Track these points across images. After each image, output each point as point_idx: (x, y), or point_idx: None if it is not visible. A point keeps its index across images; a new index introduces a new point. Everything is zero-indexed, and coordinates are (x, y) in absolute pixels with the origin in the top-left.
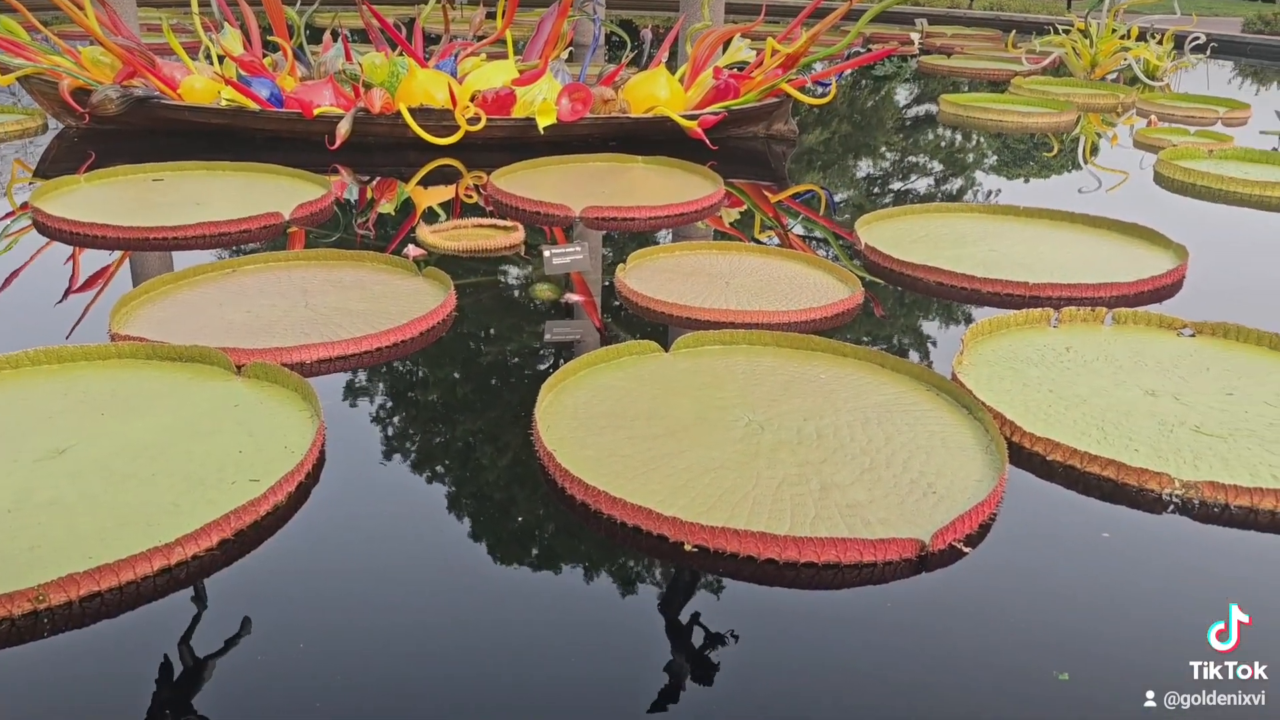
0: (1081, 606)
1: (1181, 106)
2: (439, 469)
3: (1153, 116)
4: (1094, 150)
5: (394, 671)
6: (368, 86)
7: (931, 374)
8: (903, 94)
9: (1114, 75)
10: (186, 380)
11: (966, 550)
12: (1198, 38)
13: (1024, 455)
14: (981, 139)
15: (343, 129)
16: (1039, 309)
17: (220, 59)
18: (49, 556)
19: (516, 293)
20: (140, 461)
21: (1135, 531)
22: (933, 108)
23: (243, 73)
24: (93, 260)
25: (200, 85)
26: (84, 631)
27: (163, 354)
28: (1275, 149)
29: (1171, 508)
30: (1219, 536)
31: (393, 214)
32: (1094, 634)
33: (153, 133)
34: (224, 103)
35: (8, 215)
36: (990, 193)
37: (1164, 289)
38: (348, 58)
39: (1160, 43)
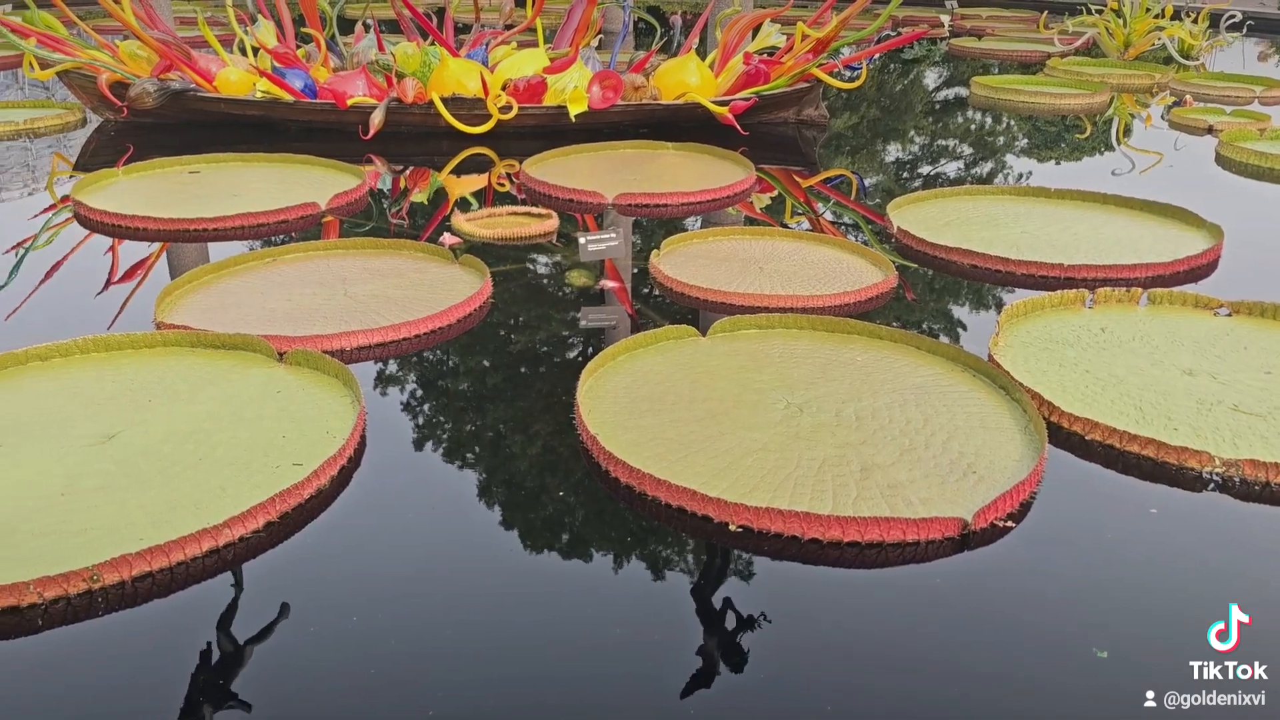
0: (1123, 584)
1: (1217, 86)
2: (479, 453)
3: (1187, 96)
4: (1128, 131)
5: (439, 651)
6: (400, 76)
7: (968, 355)
8: (932, 77)
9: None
10: (230, 367)
11: (1011, 527)
12: (1233, 16)
13: (1063, 435)
14: (1012, 121)
15: (376, 119)
16: (1074, 290)
17: (255, 51)
18: (101, 538)
19: (550, 280)
20: (187, 447)
21: (1178, 509)
22: (963, 91)
23: (277, 65)
24: (132, 252)
25: (235, 78)
26: (136, 610)
27: (207, 342)
28: None
29: (1212, 486)
30: (1262, 514)
31: (426, 203)
32: (1134, 610)
33: (189, 125)
34: (259, 94)
35: (49, 208)
36: (1021, 175)
37: (1199, 269)
38: (380, 48)
39: (1195, 21)
